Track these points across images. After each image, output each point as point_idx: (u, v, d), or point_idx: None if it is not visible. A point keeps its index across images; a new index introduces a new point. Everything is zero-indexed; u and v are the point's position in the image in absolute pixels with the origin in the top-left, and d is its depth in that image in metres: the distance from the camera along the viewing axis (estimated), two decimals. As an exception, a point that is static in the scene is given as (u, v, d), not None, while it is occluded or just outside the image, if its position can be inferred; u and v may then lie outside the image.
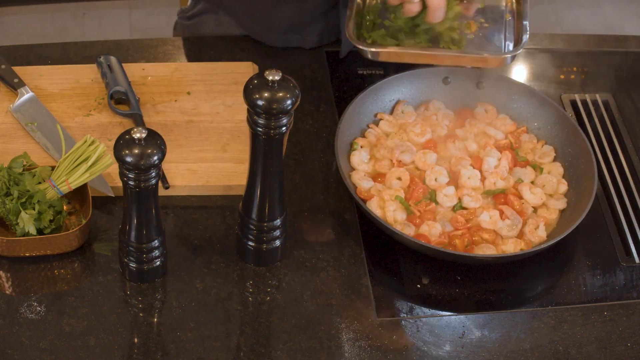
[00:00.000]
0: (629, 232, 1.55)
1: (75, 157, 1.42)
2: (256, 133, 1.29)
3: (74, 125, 1.59)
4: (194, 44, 1.80)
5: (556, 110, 1.61)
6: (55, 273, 1.41)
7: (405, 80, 1.64)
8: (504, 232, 1.47)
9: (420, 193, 1.50)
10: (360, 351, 1.36)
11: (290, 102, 1.26)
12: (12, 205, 1.39)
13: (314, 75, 1.75)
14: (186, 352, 1.33)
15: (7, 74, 1.63)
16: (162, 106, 1.64)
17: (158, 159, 1.26)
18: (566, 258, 1.49)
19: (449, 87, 1.65)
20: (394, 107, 1.64)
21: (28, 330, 1.34)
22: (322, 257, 1.47)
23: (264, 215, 1.39)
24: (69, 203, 1.47)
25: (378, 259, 1.48)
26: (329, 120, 1.67)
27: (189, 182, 1.52)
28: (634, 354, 1.38)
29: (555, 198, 1.53)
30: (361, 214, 1.52)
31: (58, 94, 1.64)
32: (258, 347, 1.35)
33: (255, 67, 1.73)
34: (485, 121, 1.62)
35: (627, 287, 1.47)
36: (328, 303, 1.41)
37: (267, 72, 1.27)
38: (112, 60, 1.66)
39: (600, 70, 1.83)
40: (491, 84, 1.65)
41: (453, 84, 1.65)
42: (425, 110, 1.63)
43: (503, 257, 1.43)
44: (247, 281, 1.43)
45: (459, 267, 1.47)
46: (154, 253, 1.38)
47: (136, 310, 1.38)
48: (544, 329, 1.41)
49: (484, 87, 1.65)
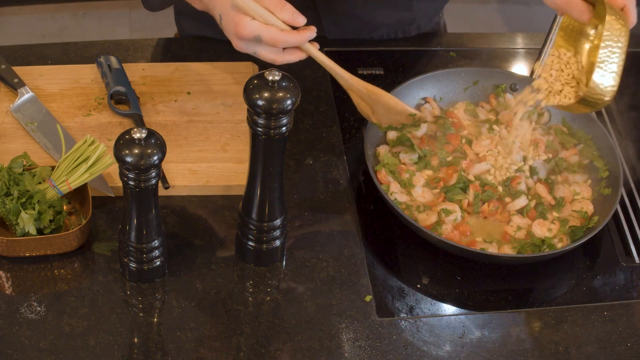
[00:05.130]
0: (629, 232, 1.55)
1: (75, 157, 1.42)
2: (256, 133, 1.29)
3: (74, 125, 1.59)
4: (194, 44, 1.80)
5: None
6: (55, 273, 1.41)
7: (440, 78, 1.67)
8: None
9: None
10: (360, 351, 1.36)
11: (290, 102, 1.26)
12: (12, 205, 1.39)
13: (314, 75, 1.75)
14: (186, 352, 1.33)
15: (7, 74, 1.63)
16: (162, 106, 1.64)
17: (158, 159, 1.26)
18: (566, 258, 1.49)
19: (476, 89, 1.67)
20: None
21: (28, 330, 1.34)
22: (322, 257, 1.47)
23: (264, 215, 1.39)
24: (69, 203, 1.47)
25: (378, 259, 1.48)
26: (329, 120, 1.67)
27: (189, 182, 1.52)
28: (634, 354, 1.38)
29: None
30: (361, 214, 1.53)
31: (58, 94, 1.64)
32: (258, 347, 1.35)
33: (255, 67, 1.73)
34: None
35: (627, 287, 1.47)
36: (328, 303, 1.41)
37: (267, 72, 1.27)
38: (112, 60, 1.66)
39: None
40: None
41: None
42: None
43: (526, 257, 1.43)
44: (247, 281, 1.43)
45: (459, 267, 1.47)
46: (154, 253, 1.38)
47: (136, 310, 1.38)
48: (544, 329, 1.41)
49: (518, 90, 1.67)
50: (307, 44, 1.43)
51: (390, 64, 1.80)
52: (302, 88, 1.60)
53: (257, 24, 1.38)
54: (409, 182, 1.52)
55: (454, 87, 1.67)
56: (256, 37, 1.39)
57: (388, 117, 1.56)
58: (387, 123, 1.57)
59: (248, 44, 1.42)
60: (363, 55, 1.81)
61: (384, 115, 1.55)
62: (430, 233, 1.43)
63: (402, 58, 1.82)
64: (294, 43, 1.41)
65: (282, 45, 1.40)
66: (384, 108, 1.55)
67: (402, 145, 1.57)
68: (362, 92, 1.52)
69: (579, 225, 1.48)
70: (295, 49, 1.43)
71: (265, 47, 1.41)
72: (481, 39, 1.87)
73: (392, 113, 1.56)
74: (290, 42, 1.40)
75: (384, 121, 1.57)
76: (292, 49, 1.43)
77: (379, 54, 1.82)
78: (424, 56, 1.83)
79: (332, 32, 1.83)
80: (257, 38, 1.39)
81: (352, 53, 1.79)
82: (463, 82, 1.67)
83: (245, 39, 1.40)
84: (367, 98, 1.53)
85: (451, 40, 1.88)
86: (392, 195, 1.51)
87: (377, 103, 1.54)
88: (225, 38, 1.42)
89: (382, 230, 1.52)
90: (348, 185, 1.57)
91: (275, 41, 1.39)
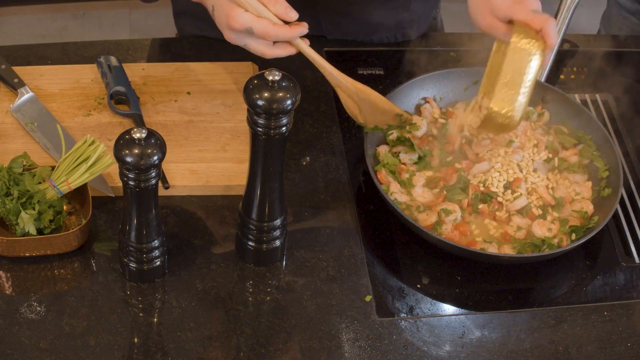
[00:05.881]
0: (629, 232, 1.55)
1: (75, 157, 1.42)
2: (256, 133, 1.29)
3: (74, 125, 1.59)
4: (193, 44, 1.80)
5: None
6: (55, 273, 1.41)
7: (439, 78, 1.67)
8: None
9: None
10: (360, 351, 1.36)
11: (290, 102, 1.26)
12: (12, 205, 1.39)
13: (314, 75, 1.75)
14: (186, 352, 1.33)
15: (7, 74, 1.63)
16: (162, 106, 1.64)
17: (158, 159, 1.26)
18: (566, 258, 1.49)
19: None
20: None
21: (28, 330, 1.34)
22: (322, 257, 1.47)
23: (264, 215, 1.39)
24: (69, 203, 1.47)
25: (378, 259, 1.48)
26: (329, 120, 1.67)
27: (189, 182, 1.52)
28: (634, 354, 1.38)
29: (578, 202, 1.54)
30: (361, 214, 1.53)
31: (58, 94, 1.64)
32: (258, 347, 1.35)
33: (255, 67, 1.73)
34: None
35: (627, 287, 1.47)
36: (328, 303, 1.41)
37: (267, 72, 1.27)
38: (112, 60, 1.66)
39: (600, 70, 1.83)
40: None
41: None
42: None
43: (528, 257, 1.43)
44: (247, 281, 1.43)
45: (459, 267, 1.47)
46: (154, 253, 1.38)
47: (136, 310, 1.38)
48: (544, 329, 1.41)
49: None
50: (298, 40, 1.43)
51: (390, 64, 1.80)
52: (302, 88, 1.60)
53: (250, 16, 1.39)
54: (409, 182, 1.52)
55: (454, 87, 1.67)
56: (248, 29, 1.40)
57: (375, 116, 1.56)
58: (373, 123, 1.57)
59: (239, 36, 1.42)
60: (363, 56, 1.81)
61: (370, 114, 1.55)
62: (430, 233, 1.43)
63: (402, 58, 1.82)
64: (285, 37, 1.41)
65: (273, 39, 1.41)
66: (371, 107, 1.54)
67: (402, 145, 1.57)
68: (350, 90, 1.52)
69: (579, 225, 1.48)
70: (286, 43, 1.44)
71: (255, 39, 1.42)
72: (481, 39, 1.87)
73: (379, 112, 1.56)
74: (281, 36, 1.41)
75: (370, 121, 1.56)
76: (283, 44, 1.44)
77: (379, 54, 1.82)
78: (424, 56, 1.83)
79: (330, 32, 1.83)
80: (249, 30, 1.40)
81: (352, 53, 1.79)
82: (463, 82, 1.67)
83: (236, 30, 1.41)
84: (355, 96, 1.53)
85: (451, 40, 1.88)
86: (392, 195, 1.51)
87: (364, 101, 1.53)
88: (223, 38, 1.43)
89: (382, 230, 1.52)
90: (348, 185, 1.57)
91: (267, 34, 1.39)
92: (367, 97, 1.54)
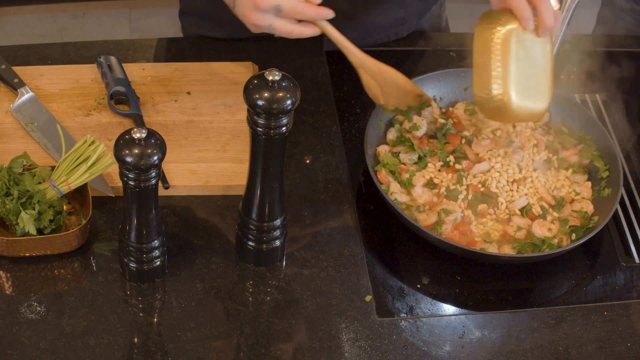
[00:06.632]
0: (629, 232, 1.55)
1: (75, 157, 1.42)
2: (256, 133, 1.29)
3: (74, 125, 1.59)
4: (194, 44, 1.80)
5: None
6: (55, 273, 1.41)
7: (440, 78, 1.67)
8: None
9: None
10: (360, 351, 1.36)
11: (290, 102, 1.26)
12: (12, 205, 1.39)
13: (314, 75, 1.75)
14: (186, 352, 1.33)
15: (7, 74, 1.63)
16: (162, 106, 1.64)
17: (158, 159, 1.26)
18: (566, 258, 1.49)
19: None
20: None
21: (28, 330, 1.34)
22: (322, 257, 1.47)
23: (264, 215, 1.39)
24: (69, 203, 1.47)
25: (378, 259, 1.48)
26: (329, 120, 1.67)
27: (189, 182, 1.52)
28: (634, 354, 1.38)
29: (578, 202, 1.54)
30: (361, 214, 1.53)
31: (58, 94, 1.64)
32: (258, 347, 1.35)
33: (255, 67, 1.73)
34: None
35: (627, 287, 1.47)
36: (328, 303, 1.41)
37: (267, 72, 1.27)
38: (112, 60, 1.66)
39: (600, 70, 1.83)
40: None
41: None
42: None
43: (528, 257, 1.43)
44: (247, 281, 1.43)
45: (459, 267, 1.47)
46: (154, 253, 1.38)
47: (136, 310, 1.38)
48: (544, 329, 1.41)
49: None
50: (323, 21, 1.45)
51: (390, 64, 1.79)
52: (302, 88, 1.60)
53: None
54: (409, 182, 1.52)
55: (454, 87, 1.67)
56: (276, 7, 1.41)
57: (397, 97, 1.56)
58: (394, 104, 1.57)
59: (265, 16, 1.43)
60: (363, 55, 1.81)
61: (392, 94, 1.56)
62: (430, 233, 1.43)
63: (402, 58, 1.82)
64: (312, 16, 1.43)
65: (301, 17, 1.43)
66: (394, 87, 1.55)
67: (402, 145, 1.57)
68: (373, 70, 1.53)
69: (579, 225, 1.48)
70: (311, 23, 1.45)
71: (281, 19, 1.43)
72: (481, 39, 1.87)
73: (402, 93, 1.56)
74: (309, 15, 1.43)
75: (391, 102, 1.57)
76: (308, 23, 1.45)
77: (379, 54, 1.81)
78: (424, 56, 1.83)
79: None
80: (277, 8, 1.41)
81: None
82: (463, 82, 1.67)
83: (264, 10, 1.42)
84: (378, 76, 1.53)
85: (451, 40, 1.88)
86: (392, 195, 1.51)
87: (387, 81, 1.54)
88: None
89: (382, 230, 1.52)
90: (348, 185, 1.57)
91: (296, 12, 1.41)
92: (391, 77, 1.54)
